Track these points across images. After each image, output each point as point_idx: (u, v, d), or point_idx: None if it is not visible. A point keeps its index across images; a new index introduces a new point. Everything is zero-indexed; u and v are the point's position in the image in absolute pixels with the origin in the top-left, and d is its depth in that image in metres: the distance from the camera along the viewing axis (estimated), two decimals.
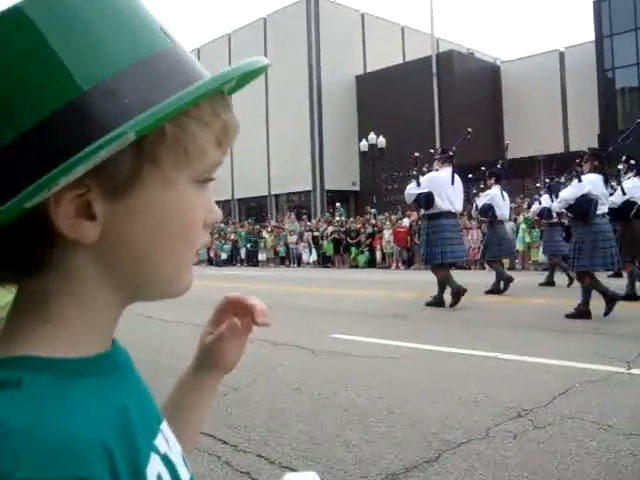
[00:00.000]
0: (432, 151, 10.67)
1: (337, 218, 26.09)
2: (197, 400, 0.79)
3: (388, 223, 22.17)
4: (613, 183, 9.97)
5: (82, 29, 0.47)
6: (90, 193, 0.48)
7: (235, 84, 0.61)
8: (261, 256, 27.27)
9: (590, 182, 7.62)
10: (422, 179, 9.23)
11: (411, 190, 9.31)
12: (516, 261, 18.27)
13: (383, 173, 32.73)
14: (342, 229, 24.34)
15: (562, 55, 36.40)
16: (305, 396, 4.29)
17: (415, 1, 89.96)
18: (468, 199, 12.22)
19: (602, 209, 7.64)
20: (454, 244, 9.11)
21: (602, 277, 12.92)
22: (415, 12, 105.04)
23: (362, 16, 40.71)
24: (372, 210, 24.97)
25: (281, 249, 26.52)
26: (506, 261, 18.85)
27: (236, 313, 0.78)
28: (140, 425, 0.52)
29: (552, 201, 10.50)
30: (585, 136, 28.67)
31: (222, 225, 32.61)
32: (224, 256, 29.00)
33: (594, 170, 7.85)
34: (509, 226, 19.25)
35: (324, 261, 24.79)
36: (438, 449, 3.18)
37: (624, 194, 9.21)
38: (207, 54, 42.05)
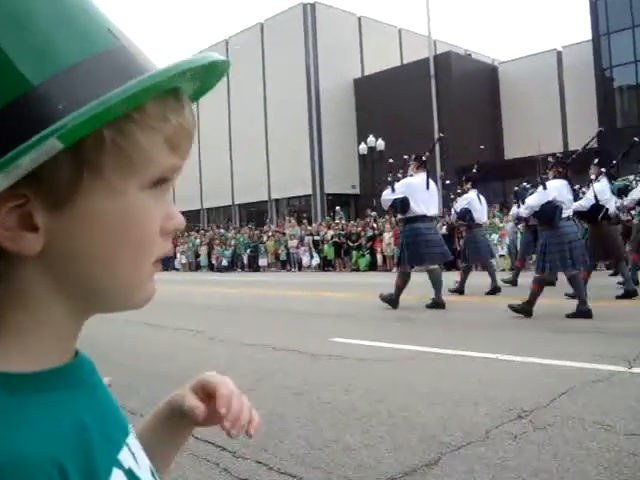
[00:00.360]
0: (406, 157, 10.94)
1: (337, 222, 26.08)
2: (165, 439, 0.74)
3: (388, 226, 22.13)
4: (583, 188, 10.67)
5: (23, 24, 0.45)
6: (30, 204, 0.46)
7: (199, 87, 0.58)
8: (262, 261, 27.27)
9: (555, 189, 7.96)
10: (397, 185, 9.47)
11: (386, 196, 9.56)
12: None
13: (382, 176, 32.76)
14: (343, 233, 24.34)
15: (560, 54, 36.44)
16: (305, 401, 4.28)
17: (412, 3, 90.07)
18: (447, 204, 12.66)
19: (567, 213, 7.98)
20: (431, 246, 9.30)
21: (603, 276, 12.94)
22: (412, 14, 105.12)
23: (359, 19, 40.78)
24: (372, 213, 24.94)
25: (282, 253, 26.52)
26: (507, 262, 18.92)
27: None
28: (100, 439, 0.51)
29: (518, 206, 11.00)
30: (584, 135, 28.47)
31: (222, 231, 32.65)
32: (225, 262, 28.99)
33: (558, 176, 8.20)
34: (509, 227, 19.28)
35: (325, 265, 24.79)
36: (438, 452, 3.16)
37: (596, 199, 9.55)
38: None
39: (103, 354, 6.19)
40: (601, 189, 9.71)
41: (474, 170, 12.24)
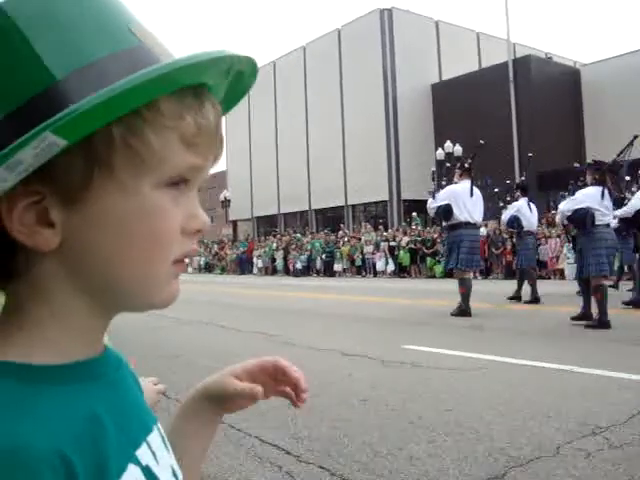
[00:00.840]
0: (448, 164, 11.42)
1: (413, 227, 25.86)
2: (196, 428, 0.76)
3: None
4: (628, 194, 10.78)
5: (49, 21, 0.47)
6: (46, 200, 0.48)
7: (229, 93, 0.59)
8: (337, 266, 27.35)
9: (586, 196, 8.09)
10: (440, 192, 9.81)
11: (431, 204, 9.86)
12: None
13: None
14: (418, 239, 24.11)
15: None
16: (371, 407, 4.25)
17: (490, 6, 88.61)
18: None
19: (603, 220, 8.00)
20: (470, 253, 9.50)
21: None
22: (490, 17, 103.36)
23: (436, 24, 40.39)
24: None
25: (357, 259, 26.52)
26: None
27: (275, 377, 0.77)
28: (116, 434, 0.51)
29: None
30: None
31: (299, 235, 32.96)
32: (300, 266, 29.27)
33: (594, 182, 8.25)
34: None
35: (400, 271, 24.61)
36: (505, 466, 3.07)
37: None
38: (282, 66, 42.74)
39: (189, 358, 6.36)
40: None
41: (523, 178, 12.71)
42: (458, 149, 30.39)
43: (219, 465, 3.20)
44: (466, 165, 9.95)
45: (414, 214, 28.60)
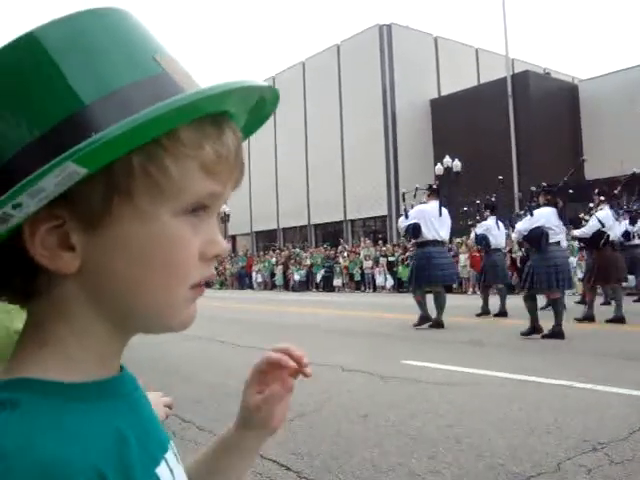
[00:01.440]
0: (417, 186, 12.81)
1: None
2: (234, 462, 0.77)
3: (464, 247, 21.78)
4: (586, 216, 11.73)
5: (78, 48, 0.48)
6: (67, 225, 0.49)
7: (250, 119, 0.60)
8: (336, 281, 27.32)
9: (542, 215, 8.62)
10: (410, 211, 10.44)
11: (401, 223, 10.53)
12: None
13: (459, 196, 32.32)
14: None
15: None
16: (371, 423, 4.24)
17: (489, 22, 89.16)
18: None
19: (555, 238, 8.60)
20: (443, 269, 10.17)
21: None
22: (489, 33, 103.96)
23: (435, 40, 40.62)
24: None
25: (356, 274, 26.48)
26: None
27: (274, 373, 0.77)
28: (139, 452, 0.52)
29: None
30: None
31: (297, 250, 32.95)
32: (298, 280, 29.24)
33: (547, 204, 8.82)
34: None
35: (400, 286, 24.57)
36: None
37: (602, 225, 10.24)
38: (282, 81, 42.89)
39: (190, 373, 6.34)
40: (604, 216, 10.38)
41: (493, 198, 13.45)
42: (457, 164, 30.47)
43: None
44: (434, 187, 10.85)
45: None
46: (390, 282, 24.94)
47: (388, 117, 38.26)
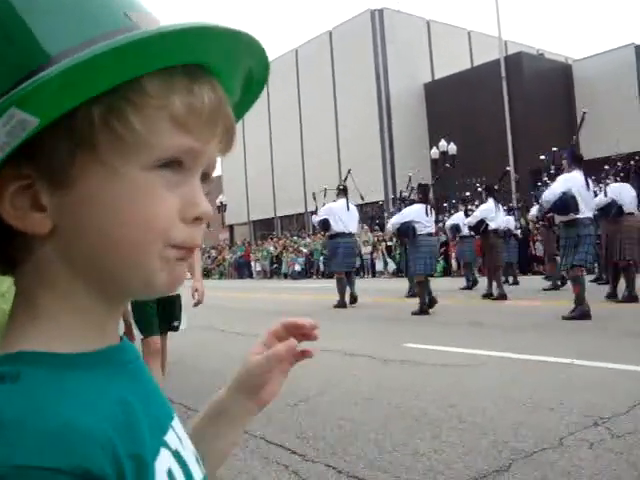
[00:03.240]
0: (325, 187, 16.05)
1: None
2: (221, 430, 0.74)
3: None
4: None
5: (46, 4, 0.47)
6: (37, 184, 0.48)
7: (244, 96, 0.59)
8: None
9: (411, 211, 10.27)
10: (320, 209, 12.38)
11: (314, 219, 12.41)
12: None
13: (456, 180, 32.33)
14: None
15: (638, 49, 34.95)
16: (375, 405, 4.28)
17: (481, 5, 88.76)
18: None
19: (424, 230, 10.02)
20: (347, 257, 11.79)
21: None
22: (482, 16, 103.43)
23: (428, 23, 40.49)
24: (445, 218, 24.61)
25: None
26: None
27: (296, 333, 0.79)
28: (146, 420, 0.51)
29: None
30: None
31: (295, 238, 32.97)
32: (298, 268, 29.27)
33: (419, 201, 10.41)
34: None
35: (399, 271, 24.60)
36: (509, 458, 3.10)
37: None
38: (275, 69, 42.67)
39: (191, 362, 6.38)
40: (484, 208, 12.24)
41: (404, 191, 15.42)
42: (453, 147, 30.47)
43: (227, 466, 3.23)
44: (341, 187, 12.68)
45: None
46: (392, 266, 24.95)
47: (382, 102, 38.20)
